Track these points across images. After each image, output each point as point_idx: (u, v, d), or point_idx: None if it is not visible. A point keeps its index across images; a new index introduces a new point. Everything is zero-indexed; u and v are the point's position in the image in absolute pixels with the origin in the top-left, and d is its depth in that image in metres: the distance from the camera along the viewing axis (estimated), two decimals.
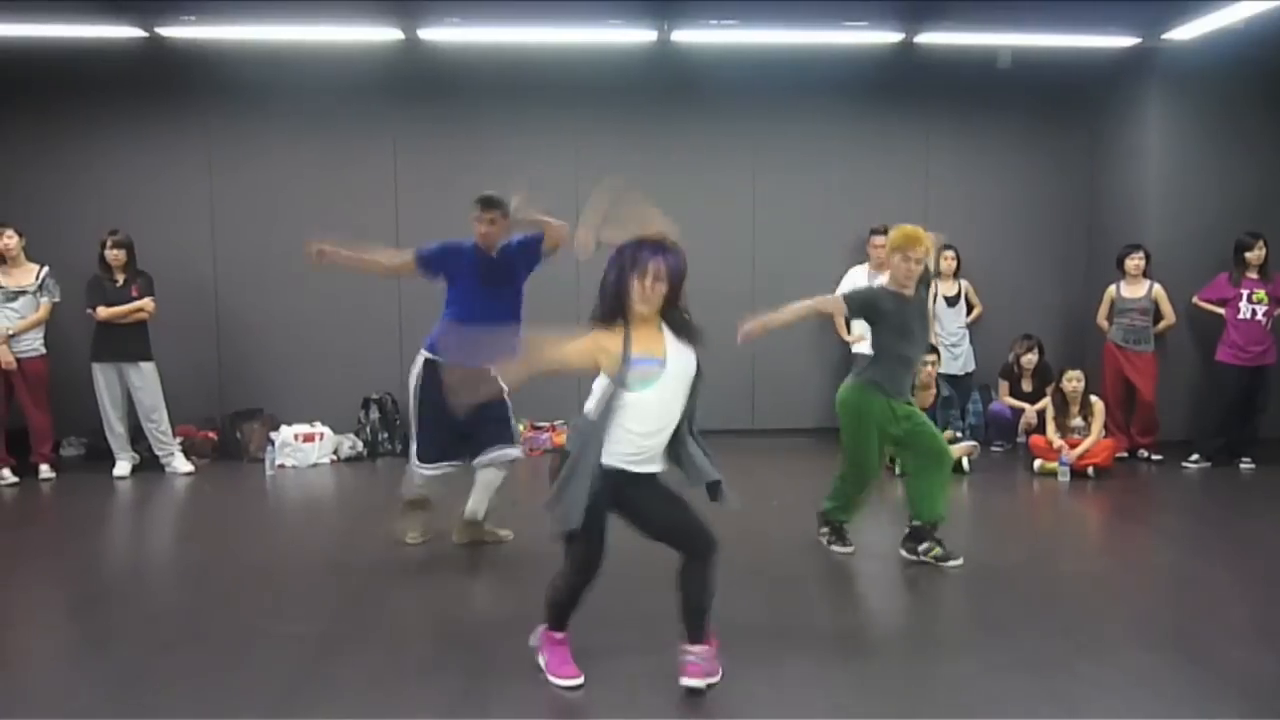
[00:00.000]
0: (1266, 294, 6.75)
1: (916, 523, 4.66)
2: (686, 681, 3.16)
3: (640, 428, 3.09)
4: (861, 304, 4.63)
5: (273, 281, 7.55)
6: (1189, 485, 6.47)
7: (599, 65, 7.35)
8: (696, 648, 3.18)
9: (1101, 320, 7.26)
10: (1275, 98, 7.29)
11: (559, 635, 3.35)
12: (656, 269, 3.04)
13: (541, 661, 3.36)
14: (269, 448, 7.03)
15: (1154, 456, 7.02)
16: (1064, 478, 6.41)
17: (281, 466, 6.99)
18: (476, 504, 4.87)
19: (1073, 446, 6.51)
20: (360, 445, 7.40)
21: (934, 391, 6.82)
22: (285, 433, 7.10)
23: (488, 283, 4.77)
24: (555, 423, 7.63)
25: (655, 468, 3.20)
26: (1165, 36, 6.92)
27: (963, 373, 7.57)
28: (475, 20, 6.52)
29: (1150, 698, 3.22)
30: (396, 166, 7.66)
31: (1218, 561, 4.76)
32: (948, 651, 3.70)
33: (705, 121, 7.79)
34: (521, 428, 7.52)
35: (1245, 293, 6.77)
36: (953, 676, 3.43)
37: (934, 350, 6.97)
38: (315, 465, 7.08)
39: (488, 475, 4.82)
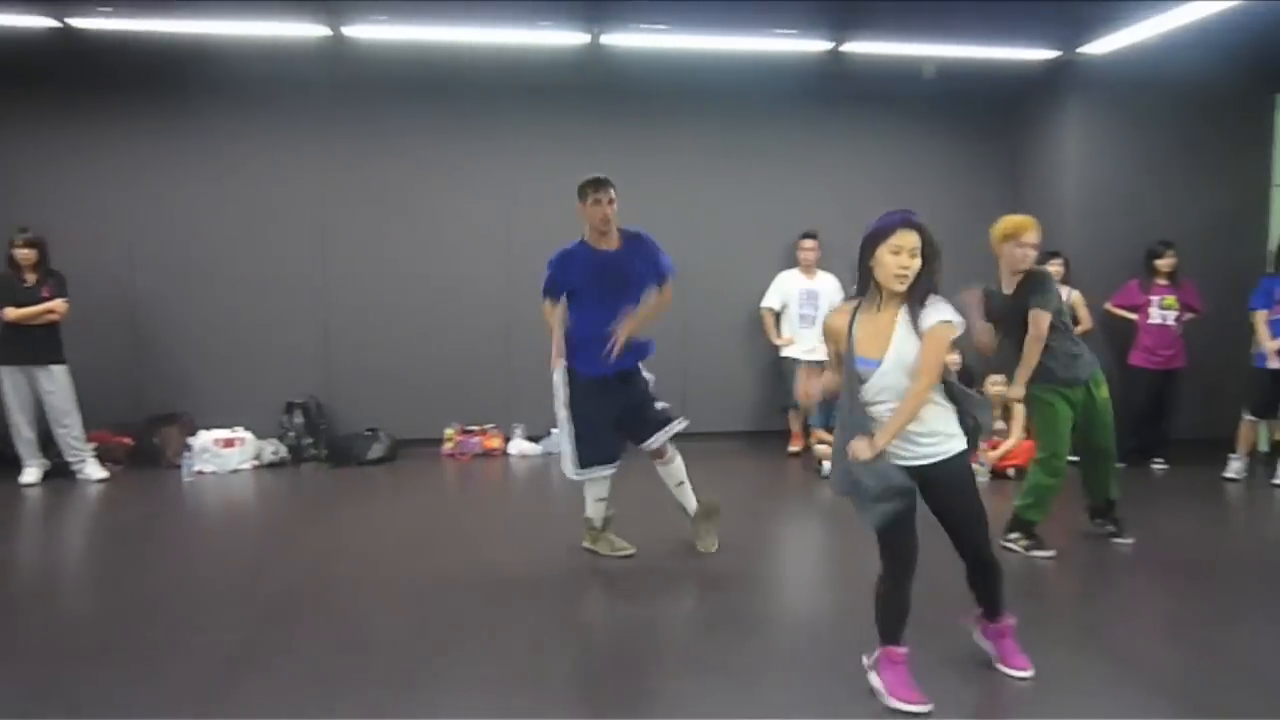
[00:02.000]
0: (1176, 300, 6.99)
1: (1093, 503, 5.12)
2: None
3: None
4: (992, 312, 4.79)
5: (193, 281, 7.35)
6: None
7: (530, 67, 7.30)
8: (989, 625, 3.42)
9: None
10: (1187, 111, 7.56)
11: (898, 652, 3.16)
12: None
13: (878, 684, 3.19)
14: (187, 453, 6.84)
15: (1071, 458, 7.19)
16: (983, 478, 6.54)
17: (200, 473, 6.80)
18: (683, 499, 4.95)
19: (993, 448, 6.66)
20: (284, 450, 7.23)
21: None
22: (204, 438, 6.91)
23: (607, 291, 4.61)
24: (486, 427, 7.56)
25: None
26: (1082, 50, 7.12)
27: None
28: (402, 19, 6.42)
29: (1067, 695, 3.30)
30: (321, 166, 7.51)
31: (1132, 559, 4.90)
32: (869, 651, 3.74)
33: (636, 125, 7.80)
34: (451, 431, 7.46)
35: (1156, 299, 7.01)
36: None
37: None
38: (235, 471, 6.90)
39: (668, 468, 4.88)
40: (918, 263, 2.97)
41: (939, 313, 2.96)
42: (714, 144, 7.92)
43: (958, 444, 3.11)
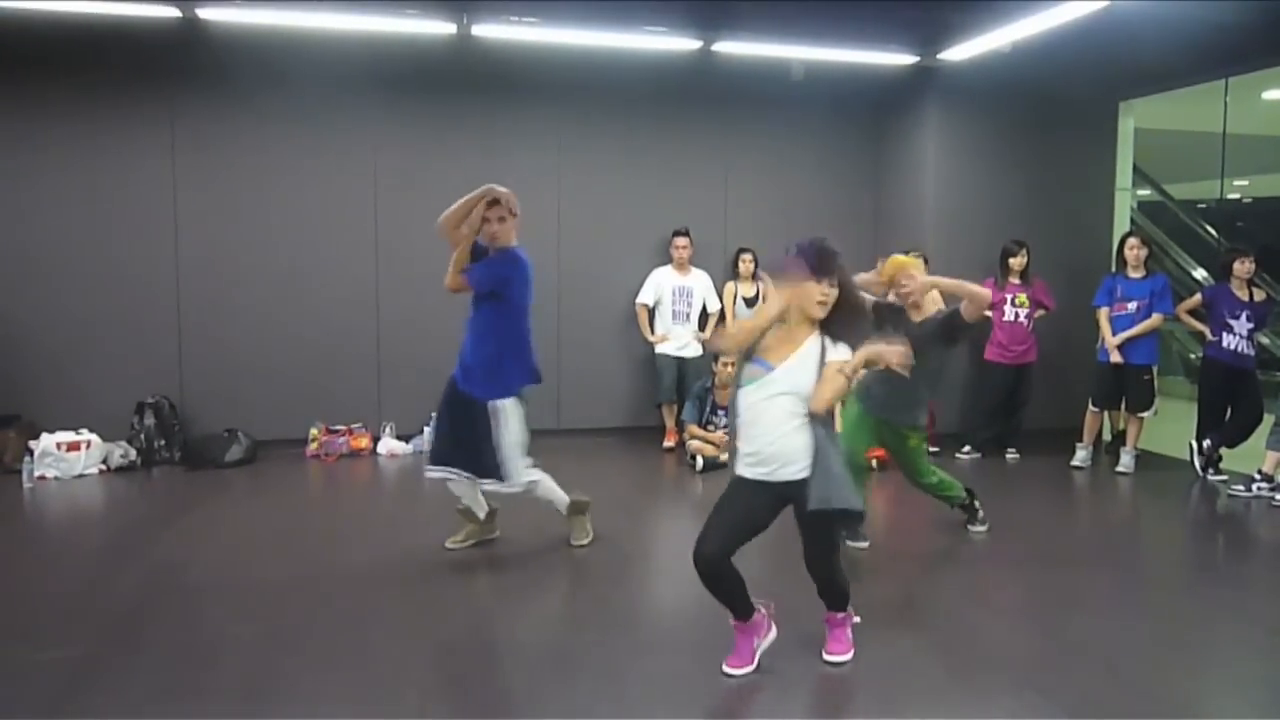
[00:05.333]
0: (1028, 297, 7.32)
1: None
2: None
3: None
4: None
5: (32, 275, 6.89)
6: (961, 474, 6.82)
7: (398, 56, 7.12)
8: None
9: None
10: (1038, 117, 7.92)
11: (739, 623, 3.43)
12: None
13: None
14: (27, 458, 6.41)
15: (930, 448, 7.46)
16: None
17: (42, 478, 6.39)
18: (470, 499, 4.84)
19: None
20: (134, 454, 6.83)
21: (729, 390, 6.99)
22: (46, 441, 6.48)
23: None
24: (353, 426, 7.35)
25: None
26: (940, 56, 7.38)
27: None
28: (263, 3, 6.17)
29: (919, 679, 3.41)
30: (171, 152, 7.11)
31: (984, 545, 5.11)
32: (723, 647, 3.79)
33: (509, 118, 7.68)
34: (315, 431, 7.22)
35: (1009, 296, 7.32)
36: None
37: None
38: (81, 476, 6.51)
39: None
40: (835, 293, 3.29)
41: (839, 352, 3.26)
42: (587, 139, 7.88)
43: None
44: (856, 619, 3.58)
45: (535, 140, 7.74)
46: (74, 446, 6.55)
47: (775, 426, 3.22)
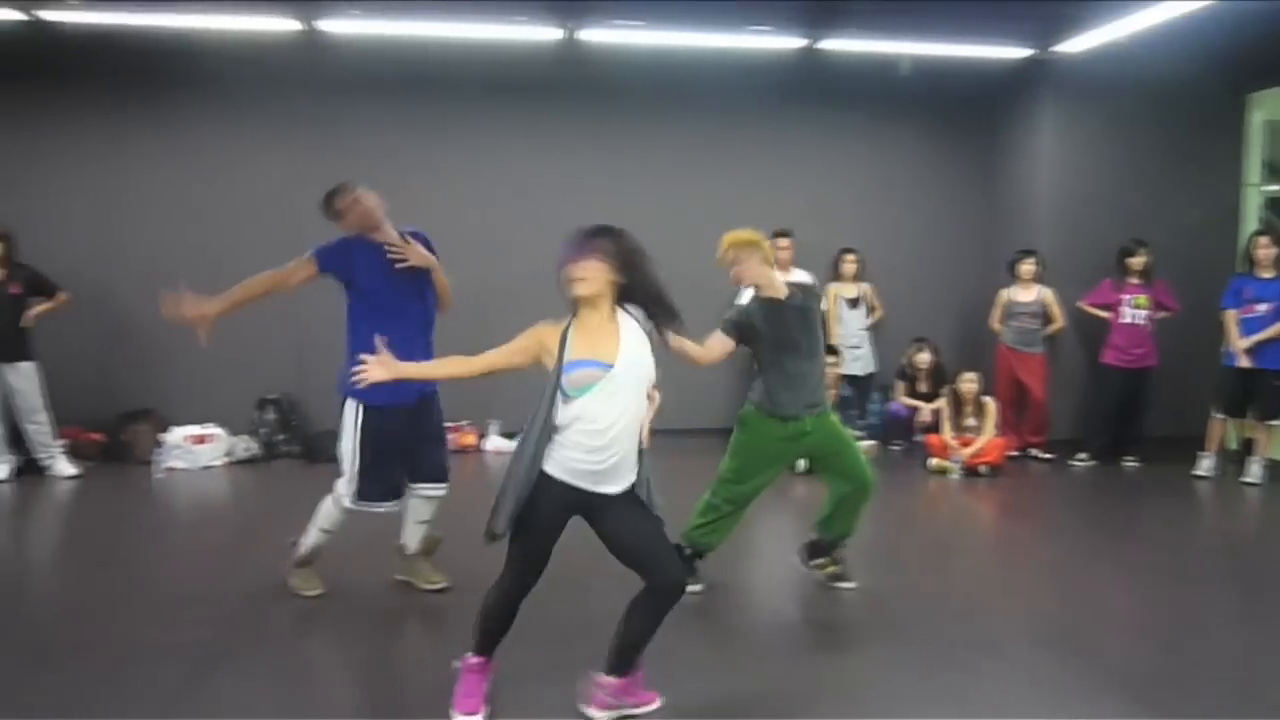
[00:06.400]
0: (1148, 299, 7.04)
1: (819, 537, 4.33)
2: (591, 713, 3.04)
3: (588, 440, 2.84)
4: (735, 325, 4.17)
5: (164, 277, 7.18)
6: (1077, 482, 6.71)
7: (504, 62, 7.27)
8: (610, 681, 3.02)
9: (994, 323, 7.50)
10: (1160, 111, 7.62)
11: (475, 661, 3.06)
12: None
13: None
14: (158, 450, 6.78)
15: (1044, 455, 7.27)
16: (957, 475, 6.59)
17: (171, 469, 6.74)
18: (409, 536, 4.36)
19: (966, 445, 6.69)
20: (255, 447, 7.17)
21: (835, 392, 6.95)
22: (175, 434, 6.84)
23: (400, 283, 4.11)
24: (461, 424, 7.52)
25: (616, 486, 2.91)
26: (1056, 49, 7.16)
27: (864, 374, 7.74)
28: (376, 14, 6.39)
29: (1039, 692, 3.33)
30: (294, 163, 7.42)
31: (1103, 557, 4.94)
32: (840, 648, 3.76)
33: (611, 121, 7.78)
34: None
35: (1128, 298, 7.05)
36: (845, 673, 3.49)
37: (835, 351, 7.12)
38: (207, 468, 6.84)
39: (418, 506, 4.33)
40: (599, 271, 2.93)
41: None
42: (688, 141, 7.90)
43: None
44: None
45: (634, 142, 7.81)
46: (201, 439, 6.89)
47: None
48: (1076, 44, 7.00)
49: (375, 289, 4.10)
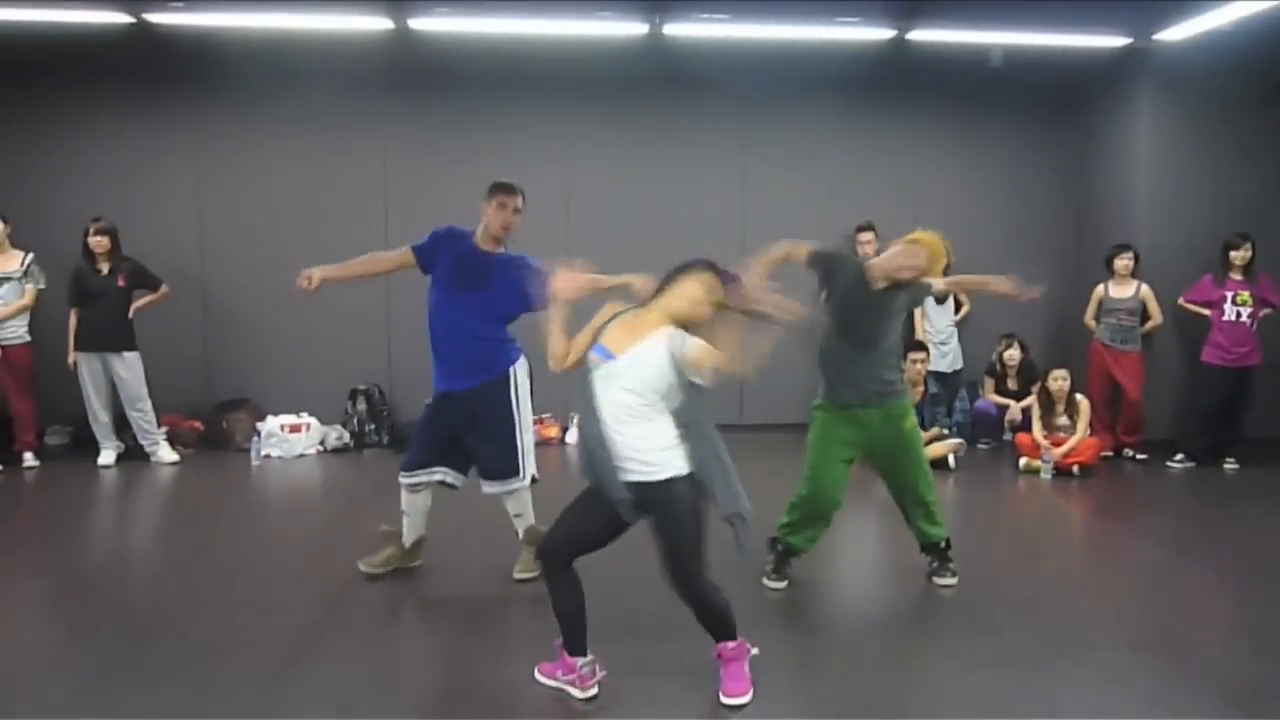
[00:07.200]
0: (1251, 295, 6.77)
1: (920, 541, 4.35)
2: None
3: None
4: (823, 257, 4.14)
5: (260, 271, 7.51)
6: (1173, 484, 6.50)
7: (590, 58, 7.32)
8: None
9: (1089, 319, 7.29)
10: (1264, 99, 7.31)
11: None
12: None
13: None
14: (255, 438, 7.01)
15: (1139, 456, 7.05)
16: (1048, 475, 6.43)
17: (267, 457, 6.97)
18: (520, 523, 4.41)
19: (1057, 445, 6.53)
20: (347, 436, 7.38)
21: (922, 389, 6.85)
22: (271, 423, 7.07)
23: (458, 284, 4.26)
24: (544, 416, 7.61)
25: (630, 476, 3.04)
26: (1156, 37, 6.94)
27: (951, 370, 7.61)
28: (465, 11, 6.49)
29: (1129, 696, 3.24)
30: (386, 159, 7.63)
31: (1199, 560, 4.78)
32: (928, 648, 3.72)
33: (696, 116, 7.78)
34: None
35: (1230, 294, 6.79)
36: (933, 673, 3.45)
37: (923, 348, 7.01)
38: (301, 456, 7.06)
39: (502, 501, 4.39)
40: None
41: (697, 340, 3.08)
42: (774, 134, 7.87)
43: (670, 470, 3.04)
44: (754, 650, 3.20)
45: (720, 136, 7.82)
46: (295, 428, 7.11)
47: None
48: (1176, 32, 6.76)
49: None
